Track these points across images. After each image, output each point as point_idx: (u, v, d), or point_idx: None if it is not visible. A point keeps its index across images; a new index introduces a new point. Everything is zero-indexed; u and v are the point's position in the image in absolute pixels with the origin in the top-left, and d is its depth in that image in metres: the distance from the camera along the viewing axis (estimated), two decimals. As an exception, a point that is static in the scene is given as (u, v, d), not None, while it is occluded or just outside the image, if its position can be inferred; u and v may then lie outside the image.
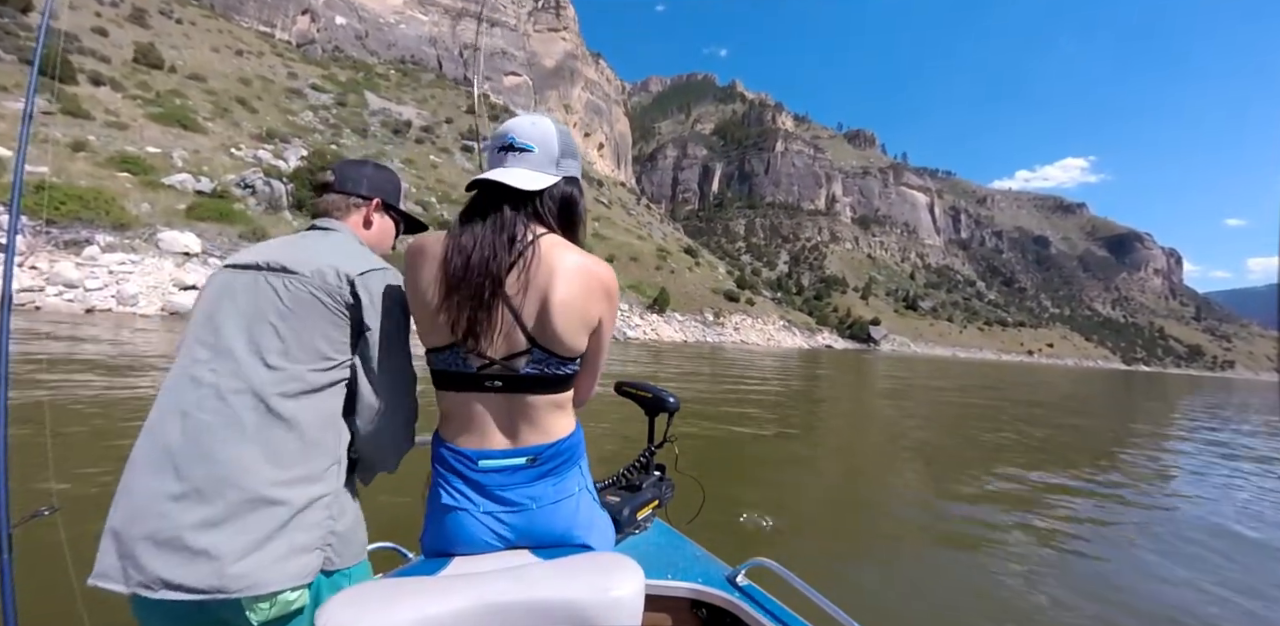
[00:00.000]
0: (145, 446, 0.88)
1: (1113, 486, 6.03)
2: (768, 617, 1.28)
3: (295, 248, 1.03)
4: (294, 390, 0.91)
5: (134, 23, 71.91)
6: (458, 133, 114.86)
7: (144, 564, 0.81)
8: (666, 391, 1.55)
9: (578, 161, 1.00)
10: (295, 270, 0.97)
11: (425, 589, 0.78)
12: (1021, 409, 14.78)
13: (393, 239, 1.29)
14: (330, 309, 0.96)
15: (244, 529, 0.83)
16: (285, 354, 0.92)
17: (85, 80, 43.03)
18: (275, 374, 0.90)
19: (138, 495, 0.85)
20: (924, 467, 6.42)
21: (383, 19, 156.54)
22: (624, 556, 0.80)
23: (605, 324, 0.95)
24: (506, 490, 0.95)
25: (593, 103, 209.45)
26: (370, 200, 1.20)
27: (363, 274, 1.00)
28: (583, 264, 0.92)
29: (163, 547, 0.81)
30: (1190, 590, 3.42)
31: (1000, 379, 31.91)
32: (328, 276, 0.97)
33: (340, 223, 1.16)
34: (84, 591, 0.79)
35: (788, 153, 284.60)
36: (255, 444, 0.87)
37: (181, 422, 0.87)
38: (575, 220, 0.98)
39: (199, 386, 0.89)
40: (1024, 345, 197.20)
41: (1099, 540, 4.22)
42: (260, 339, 0.92)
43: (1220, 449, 9.71)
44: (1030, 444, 8.63)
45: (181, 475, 0.84)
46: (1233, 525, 4.91)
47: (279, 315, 0.94)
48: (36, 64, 0.92)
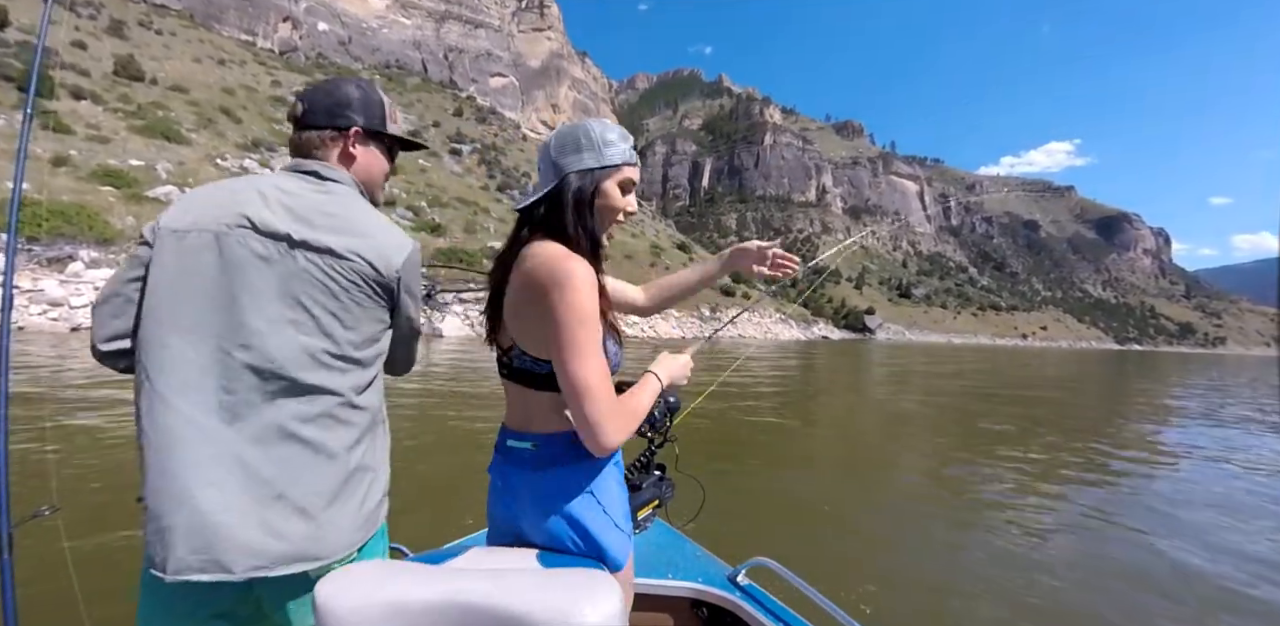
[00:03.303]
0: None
1: (1114, 475, 6.04)
2: (768, 617, 1.27)
3: (311, 211, 0.93)
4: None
5: (112, 35, 71.14)
6: (445, 136, 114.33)
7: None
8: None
9: (583, 152, 0.99)
10: (340, 253, 0.91)
11: (414, 575, 0.79)
12: (1018, 401, 14.78)
13: (384, 173, 1.13)
14: (376, 299, 0.96)
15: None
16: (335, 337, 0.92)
17: (65, 94, 42.54)
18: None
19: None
20: (924, 460, 6.40)
21: (365, 24, 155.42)
22: (607, 584, 0.79)
23: (552, 321, 0.88)
24: (518, 473, 1.01)
25: (580, 102, 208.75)
26: (346, 131, 1.04)
27: (403, 264, 0.97)
28: (530, 263, 0.94)
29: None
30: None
31: (995, 365, 32.02)
32: (377, 264, 0.94)
33: (336, 169, 1.02)
34: (84, 590, 0.75)
35: (776, 145, 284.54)
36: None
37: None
38: (560, 215, 0.98)
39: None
40: (1018, 329, 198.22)
41: (1108, 531, 4.17)
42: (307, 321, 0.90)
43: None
44: (1028, 431, 8.62)
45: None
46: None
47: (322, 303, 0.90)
48: (33, 88, 0.91)
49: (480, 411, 7.30)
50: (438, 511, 3.69)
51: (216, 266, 0.87)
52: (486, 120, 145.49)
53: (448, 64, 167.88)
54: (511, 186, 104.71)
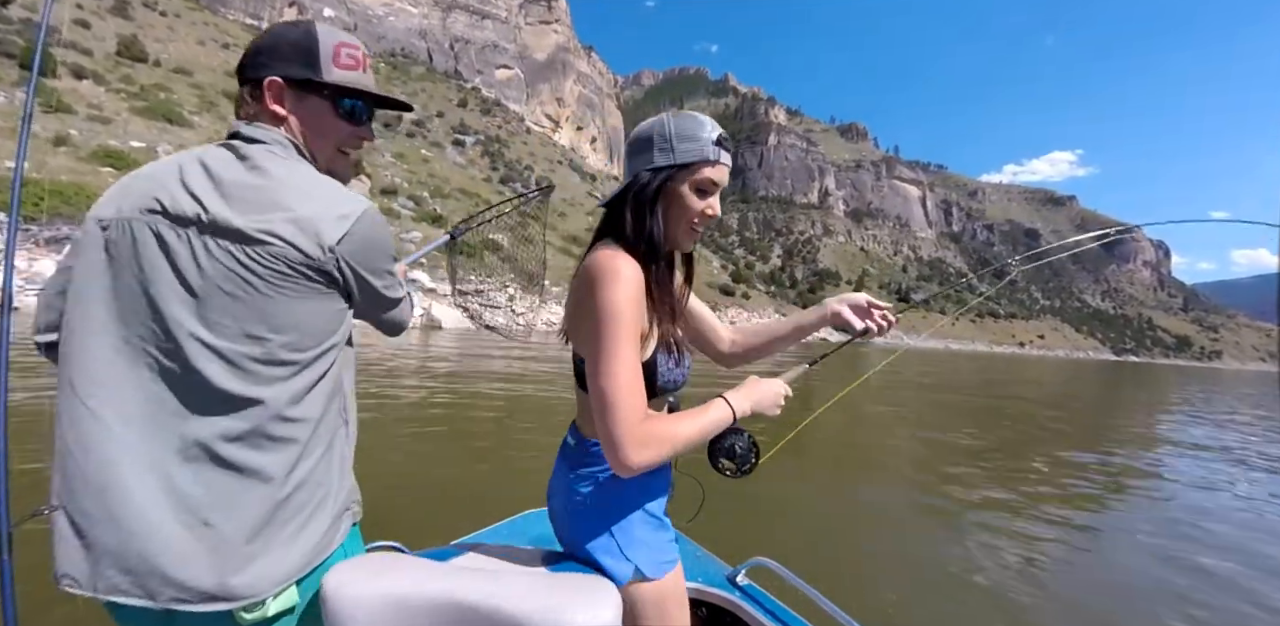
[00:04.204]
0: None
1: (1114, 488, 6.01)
2: (768, 617, 1.26)
3: (230, 185, 0.78)
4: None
5: (116, 15, 70.61)
6: (449, 126, 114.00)
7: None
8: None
9: (654, 150, 0.93)
10: (251, 235, 0.75)
11: (418, 571, 0.78)
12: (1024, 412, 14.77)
13: (334, 133, 0.91)
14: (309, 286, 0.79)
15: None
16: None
17: (67, 73, 42.21)
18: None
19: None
20: (924, 462, 6.39)
21: (371, 11, 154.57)
22: (605, 591, 0.77)
23: (591, 315, 0.85)
24: (560, 466, 1.01)
25: (585, 96, 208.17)
26: (264, 84, 0.85)
27: (344, 238, 0.79)
28: (582, 265, 0.92)
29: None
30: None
31: (995, 374, 32.06)
32: (302, 244, 0.76)
33: (265, 128, 0.85)
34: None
35: (780, 146, 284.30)
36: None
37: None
38: (620, 217, 0.94)
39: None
40: (1015, 337, 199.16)
41: (1107, 537, 4.19)
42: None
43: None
44: (1031, 439, 8.62)
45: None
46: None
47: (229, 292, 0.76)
48: (36, 70, 0.84)
49: (478, 411, 7.23)
50: (440, 511, 3.64)
51: (132, 261, 0.76)
52: (490, 112, 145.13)
53: (453, 54, 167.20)
54: (514, 179, 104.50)
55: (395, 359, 11.57)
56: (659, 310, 0.92)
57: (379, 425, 5.75)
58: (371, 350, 12.77)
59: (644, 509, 0.96)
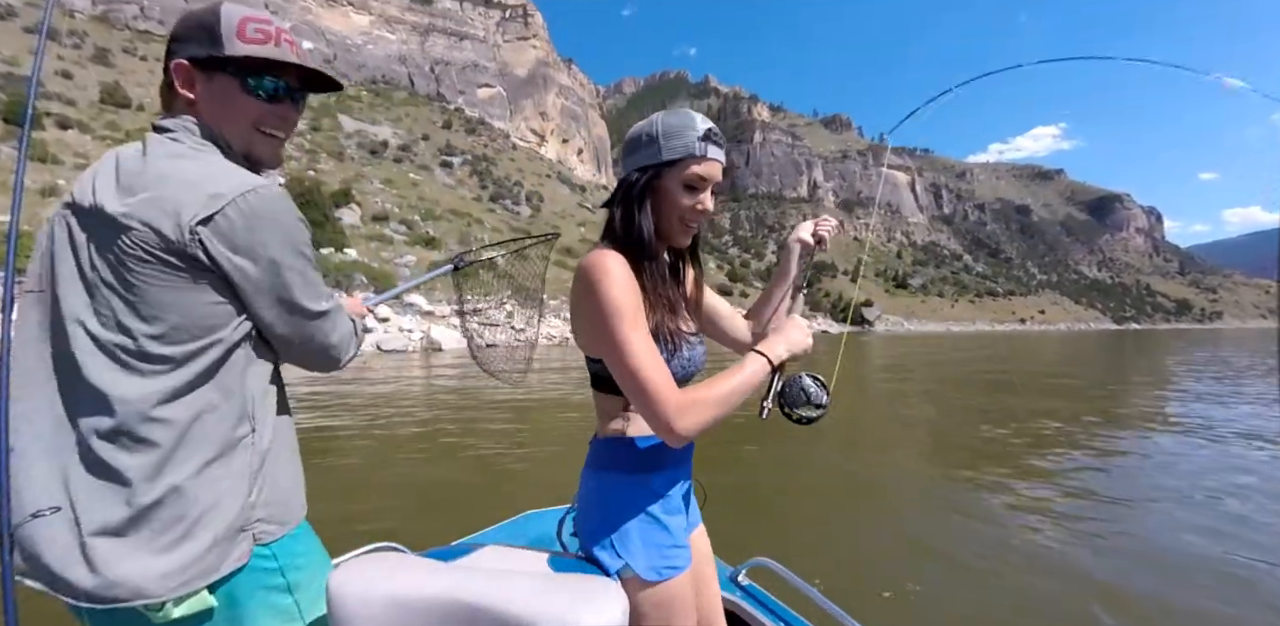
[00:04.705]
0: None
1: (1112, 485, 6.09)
2: (769, 617, 1.26)
3: (129, 174, 0.76)
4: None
5: (98, 63, 71.48)
6: (436, 149, 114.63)
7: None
8: None
9: (641, 149, 0.94)
10: (119, 220, 0.73)
11: (423, 571, 0.79)
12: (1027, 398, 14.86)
13: (245, 114, 0.85)
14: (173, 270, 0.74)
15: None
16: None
17: (52, 124, 42.76)
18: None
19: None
20: (927, 459, 6.37)
21: (350, 40, 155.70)
22: (610, 592, 0.78)
23: (593, 314, 0.88)
24: (586, 466, 1.03)
25: (568, 108, 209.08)
26: (172, 69, 0.82)
27: (208, 218, 0.73)
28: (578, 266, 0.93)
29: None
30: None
31: (992, 353, 31.97)
32: (160, 225, 0.72)
33: (177, 118, 0.82)
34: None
35: (766, 143, 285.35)
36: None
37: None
38: (610, 217, 0.97)
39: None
40: (1016, 314, 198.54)
41: (1114, 533, 3.89)
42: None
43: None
44: (1031, 424, 8.66)
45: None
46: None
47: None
48: (28, 125, 0.85)
49: (481, 423, 7.41)
50: (442, 512, 3.78)
51: (50, 255, 0.79)
52: (476, 131, 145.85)
53: (434, 77, 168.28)
54: (503, 196, 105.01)
55: (399, 380, 11.73)
56: (654, 303, 0.93)
57: (384, 433, 5.89)
58: (375, 373, 12.98)
59: (647, 511, 0.96)
